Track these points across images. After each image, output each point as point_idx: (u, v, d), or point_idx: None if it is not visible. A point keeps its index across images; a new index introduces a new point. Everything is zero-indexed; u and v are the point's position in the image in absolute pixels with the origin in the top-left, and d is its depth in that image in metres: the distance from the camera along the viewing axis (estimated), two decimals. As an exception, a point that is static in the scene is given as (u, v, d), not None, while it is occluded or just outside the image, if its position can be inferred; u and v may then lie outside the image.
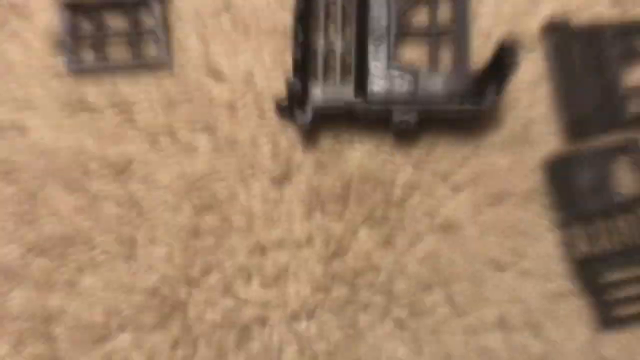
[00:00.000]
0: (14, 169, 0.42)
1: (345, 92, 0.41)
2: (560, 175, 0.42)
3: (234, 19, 0.44)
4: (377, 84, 0.43)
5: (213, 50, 0.43)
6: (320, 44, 0.42)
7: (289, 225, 0.41)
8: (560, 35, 0.44)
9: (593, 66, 0.44)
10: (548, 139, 0.43)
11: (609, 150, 0.42)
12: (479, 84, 0.40)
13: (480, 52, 0.41)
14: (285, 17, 0.43)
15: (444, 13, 0.43)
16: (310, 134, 0.42)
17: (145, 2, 0.43)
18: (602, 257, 0.42)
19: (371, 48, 0.43)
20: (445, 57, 0.43)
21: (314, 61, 0.42)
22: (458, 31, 0.43)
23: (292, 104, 0.40)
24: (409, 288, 0.41)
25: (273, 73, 0.43)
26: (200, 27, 0.44)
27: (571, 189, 0.42)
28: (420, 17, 0.44)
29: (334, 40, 0.43)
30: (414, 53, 0.44)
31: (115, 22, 0.44)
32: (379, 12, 0.44)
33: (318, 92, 0.41)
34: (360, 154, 0.42)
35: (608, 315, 0.41)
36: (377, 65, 0.43)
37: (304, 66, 0.41)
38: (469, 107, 0.40)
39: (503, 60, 0.36)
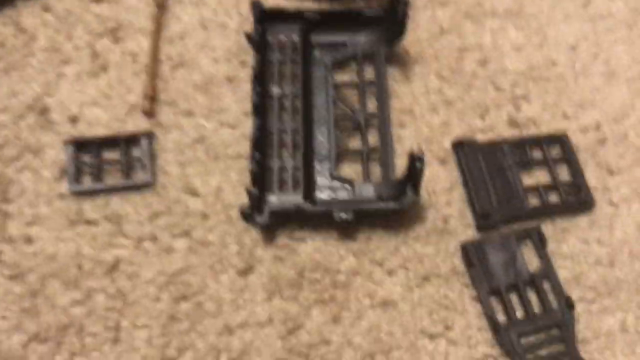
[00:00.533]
0: (21, 272, 0.53)
1: (296, 199, 0.53)
2: (476, 258, 0.52)
3: (206, 149, 0.58)
4: (323, 192, 0.56)
5: (189, 172, 0.57)
6: (275, 162, 0.61)
7: (252, 308, 0.52)
8: (468, 150, 0.56)
9: (496, 172, 0.58)
10: (463, 230, 0.56)
11: (515, 236, 0.59)
12: (400, 188, 0.56)
13: (404, 166, 0.56)
14: (247, 146, 0.62)
15: (373, 138, 0.62)
16: (268, 233, 0.60)
17: (135, 139, 0.55)
18: (517, 324, 0.51)
19: (317, 165, 0.56)
20: (375, 170, 0.61)
21: (270, 176, 0.54)
22: (383, 151, 0.62)
23: (253, 209, 0.51)
24: (355, 358, 0.50)
25: (238, 188, 0.57)
26: (179, 156, 0.58)
27: (486, 268, 0.52)
28: (354, 143, 0.61)
29: (286, 160, 0.55)
30: (351, 169, 0.62)
31: (110, 154, 0.55)
32: (322, 139, 0.57)
33: (274, 199, 0.54)
34: (310, 247, 0.55)
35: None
36: (322, 179, 0.55)
37: (261, 179, 0.59)
38: (393, 205, 0.52)
39: (414, 166, 0.48)
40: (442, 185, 0.63)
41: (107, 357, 0.55)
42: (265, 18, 0.66)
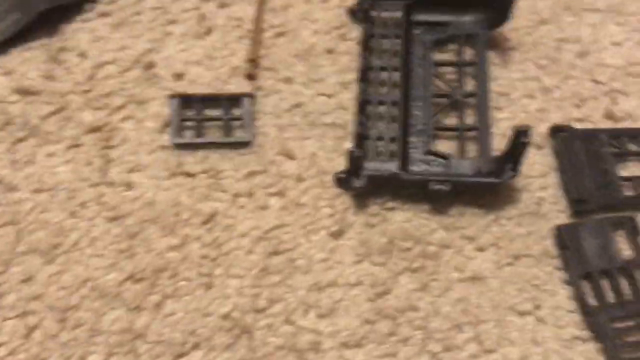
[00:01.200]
0: (120, 215, 0.55)
1: (391, 167, 0.53)
2: (570, 241, 0.52)
3: (303, 114, 0.59)
4: (418, 165, 0.56)
5: (286, 135, 0.58)
6: (372, 132, 0.62)
7: (342, 269, 0.53)
8: (565, 136, 0.57)
9: (592, 160, 0.58)
10: (556, 215, 0.57)
11: (609, 223, 0.59)
12: (500, 164, 0.57)
13: (500, 148, 0.57)
14: (342, 115, 0.64)
15: (470, 118, 0.61)
16: (361, 200, 0.61)
17: (236, 99, 0.57)
18: (608, 308, 0.50)
19: (413, 139, 0.57)
20: (471, 149, 0.62)
21: (368, 144, 0.55)
22: (481, 130, 0.63)
23: (350, 173, 0.52)
24: (443, 326, 0.51)
25: (332, 154, 0.58)
26: (277, 119, 0.59)
27: (579, 253, 0.53)
28: (450, 120, 0.64)
29: (383, 130, 0.56)
30: (446, 146, 0.63)
31: (212, 111, 0.57)
32: (419, 113, 0.58)
33: (371, 165, 0.54)
34: (402, 217, 0.56)
35: (616, 359, 0.53)
36: (417, 152, 0.56)
37: (360, 145, 0.57)
38: (492, 180, 0.52)
39: (518, 141, 0.49)
40: (537, 169, 0.63)
41: (199, 302, 0.56)
42: (369, -6, 0.68)
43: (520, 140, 0.55)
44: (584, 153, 0.63)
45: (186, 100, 0.64)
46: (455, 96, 0.65)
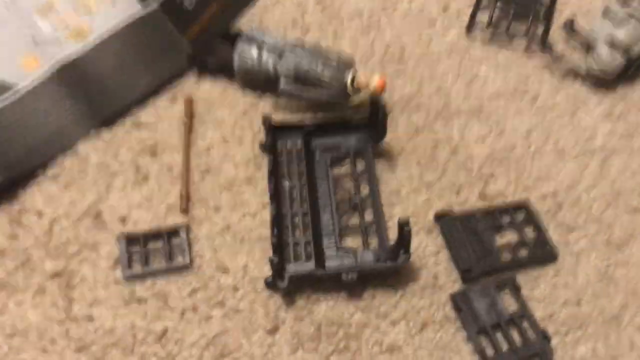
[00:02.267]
0: (85, 345, 0.66)
1: (309, 266, 0.66)
2: (463, 305, 0.64)
3: (233, 234, 0.70)
4: (331, 261, 0.68)
5: (220, 255, 0.70)
6: (290, 239, 0.75)
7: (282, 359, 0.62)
8: (447, 219, 0.70)
9: (473, 236, 0.70)
10: (451, 285, 0.69)
11: (494, 285, 0.72)
12: (395, 251, 0.71)
13: (396, 236, 0.70)
14: (266, 230, 0.76)
15: (368, 216, 0.76)
16: (289, 298, 0.72)
17: (174, 230, 0.69)
18: (503, 356, 0.63)
19: (325, 240, 0.69)
20: (373, 242, 0.75)
21: (287, 250, 0.67)
22: (378, 225, 0.76)
23: (275, 277, 0.64)
24: None
25: (261, 264, 0.69)
26: (211, 242, 0.71)
27: (472, 313, 0.64)
28: (353, 220, 0.76)
29: (299, 237, 0.68)
30: (353, 242, 0.76)
31: (155, 244, 0.69)
32: (327, 218, 0.70)
33: (291, 267, 0.66)
34: (324, 307, 0.68)
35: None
36: (329, 250, 0.68)
37: (280, 252, 0.72)
38: (390, 265, 0.66)
39: (403, 230, 0.63)
40: (430, 250, 0.76)
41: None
42: (274, 130, 0.82)
43: (404, 229, 0.68)
44: (464, 231, 0.76)
45: (131, 239, 0.76)
46: (355, 200, 0.79)
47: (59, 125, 0.81)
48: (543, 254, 0.75)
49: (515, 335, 0.70)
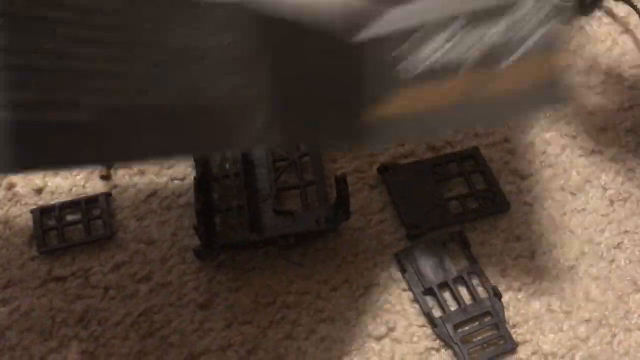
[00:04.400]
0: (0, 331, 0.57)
1: (242, 232, 0.59)
2: (408, 263, 0.59)
3: (159, 201, 0.63)
4: (269, 226, 0.61)
5: (145, 224, 0.62)
6: (221, 205, 0.67)
7: (214, 336, 0.59)
8: (392, 172, 0.64)
9: (419, 189, 0.64)
10: (397, 243, 0.64)
11: (439, 241, 0.67)
12: (335, 211, 0.65)
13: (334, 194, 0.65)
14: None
15: (308, 175, 0.70)
16: (221, 268, 0.66)
17: (94, 199, 0.62)
18: (452, 316, 0.57)
19: (260, 204, 0.63)
20: (314, 202, 0.68)
21: (218, 216, 0.60)
22: (319, 184, 0.69)
23: (204, 245, 0.57)
24: None
25: (191, 232, 0.62)
26: (135, 210, 0.63)
27: (418, 272, 0.59)
28: (292, 180, 0.70)
29: (231, 202, 0.61)
30: (293, 204, 0.69)
31: (73, 216, 0.62)
32: (263, 178, 0.64)
33: (223, 234, 0.59)
34: (261, 276, 0.61)
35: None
36: (266, 215, 0.61)
37: (209, 219, 0.65)
38: (328, 226, 0.62)
39: (340, 188, 0.56)
40: (374, 206, 0.70)
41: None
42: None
43: (341, 186, 0.62)
44: (410, 183, 0.71)
45: (46, 211, 0.69)
46: (293, 157, 0.72)
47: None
48: (494, 204, 0.70)
49: (465, 293, 0.65)
